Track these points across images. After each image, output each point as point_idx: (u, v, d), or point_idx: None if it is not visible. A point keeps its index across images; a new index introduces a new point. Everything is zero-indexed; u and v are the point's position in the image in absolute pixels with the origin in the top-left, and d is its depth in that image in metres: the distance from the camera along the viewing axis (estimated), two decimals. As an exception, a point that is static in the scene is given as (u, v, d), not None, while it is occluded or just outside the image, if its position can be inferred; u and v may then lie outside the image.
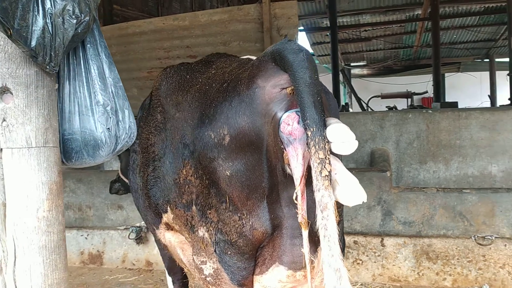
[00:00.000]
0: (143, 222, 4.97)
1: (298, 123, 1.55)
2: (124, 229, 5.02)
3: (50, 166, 1.32)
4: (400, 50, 16.80)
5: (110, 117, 1.42)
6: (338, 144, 1.46)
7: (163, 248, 2.67)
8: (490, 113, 4.66)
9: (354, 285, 4.43)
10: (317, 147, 1.44)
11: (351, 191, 1.47)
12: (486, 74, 17.22)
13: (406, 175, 4.98)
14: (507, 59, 17.07)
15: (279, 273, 1.82)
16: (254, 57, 1.99)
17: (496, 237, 4.03)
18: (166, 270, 3.16)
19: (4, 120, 1.28)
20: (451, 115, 4.77)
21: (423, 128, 4.81)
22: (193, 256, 1.98)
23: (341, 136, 1.46)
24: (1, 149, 1.28)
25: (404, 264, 4.27)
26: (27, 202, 1.28)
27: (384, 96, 15.74)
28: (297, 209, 1.77)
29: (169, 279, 3.15)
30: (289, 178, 1.77)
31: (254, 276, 1.87)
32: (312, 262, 1.80)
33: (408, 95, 15.82)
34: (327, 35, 13.67)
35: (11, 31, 1.16)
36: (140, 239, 4.94)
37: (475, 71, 17.74)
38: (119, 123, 1.44)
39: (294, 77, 1.51)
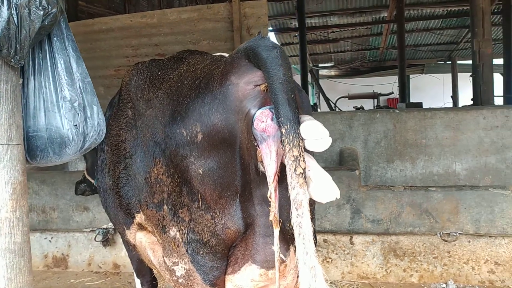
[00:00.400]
0: (110, 224, 4.85)
1: (272, 120, 1.54)
2: (90, 231, 4.89)
3: (14, 165, 1.26)
4: (366, 52, 17.11)
5: (78, 114, 1.36)
6: (312, 141, 1.46)
7: (132, 250, 2.61)
8: (454, 113, 4.79)
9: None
10: (291, 144, 1.44)
11: (325, 188, 1.48)
12: (449, 76, 17.76)
13: (374, 174, 5.06)
14: (468, 61, 17.72)
15: (251, 272, 1.80)
16: (226, 54, 1.97)
17: (460, 234, 4.14)
18: (134, 272, 3.09)
19: (-35, 116, 1.21)
20: (417, 115, 4.87)
21: (390, 128, 4.89)
22: (164, 257, 1.94)
23: (315, 133, 1.46)
24: (-40, 146, 1.22)
25: (372, 261, 4.34)
26: (-12, 202, 1.21)
27: (351, 97, 15.99)
28: (269, 207, 1.77)
29: (137, 281, 3.08)
30: (262, 176, 1.76)
31: (226, 276, 1.85)
32: (283, 261, 1.79)
33: (374, 95, 16.12)
34: (295, 36, 13.76)
35: (-28, 21, 1.10)
36: (107, 241, 4.83)
37: (438, 73, 18.26)
38: (87, 119, 1.39)
39: (267, 74, 1.50)
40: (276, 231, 1.57)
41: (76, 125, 1.35)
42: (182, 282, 1.88)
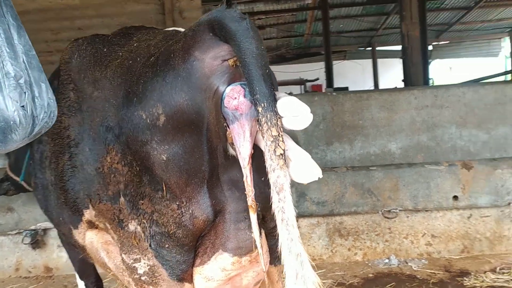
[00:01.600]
0: (39, 224, 4.47)
1: (245, 96, 1.41)
2: (17, 233, 4.47)
3: None
4: (292, 39, 17.32)
5: (25, 92, 1.15)
6: (291, 118, 1.36)
7: (75, 251, 2.36)
8: (388, 94, 4.93)
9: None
10: (269, 123, 1.33)
11: (306, 167, 1.38)
12: (368, 61, 18.52)
13: (314, 157, 5.07)
14: (387, 48, 18.61)
15: (223, 261, 1.68)
16: (182, 29, 1.80)
17: (400, 210, 4.29)
18: (77, 274, 2.84)
19: None
20: (353, 97, 4.96)
21: (328, 110, 4.94)
22: (123, 255, 1.75)
23: (295, 110, 1.35)
24: None
25: (318, 243, 4.37)
26: None
27: (279, 83, 16.14)
28: (239, 192, 1.65)
29: (81, 284, 2.84)
30: (232, 160, 1.64)
31: (194, 268, 1.71)
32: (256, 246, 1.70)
33: (301, 82, 16.41)
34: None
35: None
36: (36, 243, 4.44)
37: (359, 59, 18.97)
38: (36, 99, 1.17)
39: (238, 48, 1.36)
40: (254, 216, 1.46)
41: (23, 106, 1.14)
42: (146, 280, 1.71)
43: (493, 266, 4.06)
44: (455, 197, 4.17)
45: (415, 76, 5.12)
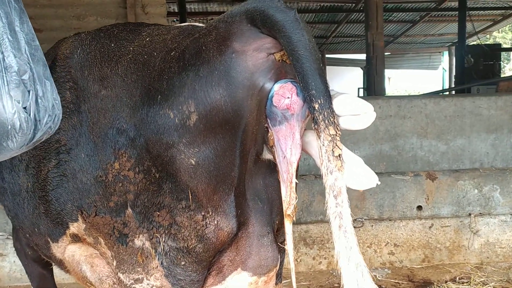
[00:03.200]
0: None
1: (297, 95, 1.29)
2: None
3: None
4: (243, 41, 17.28)
5: (29, 91, 0.94)
6: (350, 117, 1.24)
7: (36, 265, 2.12)
8: (353, 103, 4.94)
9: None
10: (326, 122, 1.21)
11: (363, 172, 1.27)
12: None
13: (278, 163, 5.02)
14: (336, 55, 19.03)
15: (240, 281, 1.54)
16: (200, 24, 1.64)
17: (365, 219, 4.29)
18: None
19: None
20: (320, 104, 4.92)
21: (294, 116, 4.87)
22: (120, 274, 1.56)
23: (356, 108, 1.24)
24: None
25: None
26: None
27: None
28: (261, 202, 1.54)
29: None
30: (259, 165, 1.51)
31: None
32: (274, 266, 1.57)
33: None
34: (174, 20, 13.26)
35: None
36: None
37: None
38: (39, 100, 0.97)
39: (289, 40, 1.23)
40: (290, 227, 1.35)
41: (25, 108, 0.94)
42: None
43: (453, 275, 4.16)
44: (419, 207, 4.23)
45: (379, 85, 5.19)
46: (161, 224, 1.49)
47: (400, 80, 24.31)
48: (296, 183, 1.41)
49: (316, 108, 1.23)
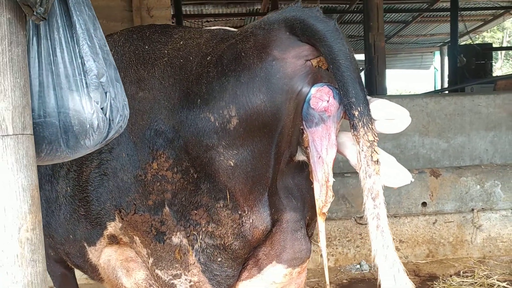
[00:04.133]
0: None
1: (334, 98, 1.37)
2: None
3: (30, 164, 0.89)
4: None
5: (106, 92, 1.02)
6: (384, 122, 1.33)
7: (56, 265, 2.14)
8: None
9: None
10: (366, 128, 1.30)
11: (398, 171, 1.36)
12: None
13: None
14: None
15: (275, 273, 1.61)
16: (231, 29, 1.72)
17: (372, 216, 4.39)
18: None
19: (-39, 92, 0.80)
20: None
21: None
22: (158, 271, 1.62)
23: (391, 113, 1.32)
24: (-44, 139, 0.81)
25: (291, 249, 4.36)
26: (4, 219, 0.83)
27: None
28: (295, 200, 1.61)
29: None
30: (290, 165, 1.59)
31: (239, 282, 1.62)
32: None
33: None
34: (171, 23, 13.30)
35: None
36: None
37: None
38: (112, 101, 1.05)
39: (331, 50, 1.31)
40: (324, 224, 1.43)
41: (102, 108, 1.01)
42: None
43: (457, 269, 4.26)
44: (424, 204, 4.33)
45: (380, 85, 5.30)
46: (198, 222, 1.55)
47: (392, 80, 24.54)
48: (333, 181, 1.48)
49: (356, 115, 1.31)
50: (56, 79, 0.98)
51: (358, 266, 4.36)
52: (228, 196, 1.51)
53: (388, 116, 1.36)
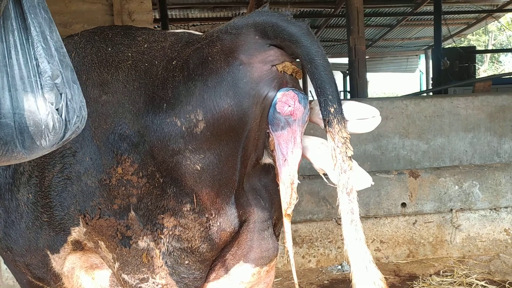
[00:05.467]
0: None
1: (299, 102, 1.40)
2: None
3: (-18, 164, 0.91)
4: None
5: (61, 94, 1.03)
6: (356, 121, 1.37)
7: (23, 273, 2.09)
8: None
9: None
10: (340, 125, 1.33)
11: (362, 173, 1.39)
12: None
13: (266, 165, 5.13)
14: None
15: (243, 273, 1.63)
16: (197, 32, 1.73)
17: (352, 217, 4.43)
18: None
19: None
20: (305, 107, 5.06)
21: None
22: (124, 275, 1.62)
23: (363, 113, 1.36)
24: None
25: (273, 251, 4.38)
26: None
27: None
28: (263, 201, 1.63)
29: None
30: (256, 168, 1.61)
31: (207, 284, 1.63)
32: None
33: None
34: (156, 27, 13.30)
35: None
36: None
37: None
38: (68, 102, 1.06)
39: (307, 51, 1.35)
40: (289, 225, 1.45)
41: (57, 109, 1.03)
42: None
43: (437, 269, 4.32)
44: (403, 204, 4.39)
45: (361, 88, 5.36)
46: (165, 226, 1.55)
47: (379, 84, 24.76)
48: (298, 183, 1.51)
49: (332, 112, 1.35)
50: (11, 80, 0.99)
51: (340, 266, 4.39)
52: (195, 200, 1.52)
53: (359, 116, 1.39)
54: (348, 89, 7.37)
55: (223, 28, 1.52)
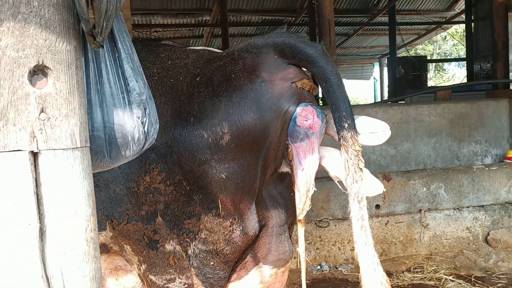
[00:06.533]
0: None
1: (318, 116, 1.55)
2: None
3: (90, 172, 1.01)
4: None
5: (145, 109, 1.16)
6: (368, 135, 1.53)
7: None
8: (312, 112, 5.32)
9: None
10: (353, 139, 1.48)
11: (374, 181, 1.56)
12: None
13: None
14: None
15: (262, 273, 1.76)
16: (215, 49, 1.86)
17: (330, 219, 4.66)
18: None
19: (42, 111, 0.91)
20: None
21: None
22: (152, 276, 1.72)
23: (375, 127, 1.53)
24: (38, 152, 0.92)
25: (256, 254, 4.53)
26: (75, 221, 0.95)
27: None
28: (280, 207, 1.77)
29: None
30: (273, 177, 1.75)
31: (229, 283, 1.76)
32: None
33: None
34: (118, 32, 13.14)
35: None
36: None
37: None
38: (149, 116, 1.19)
39: (323, 71, 1.50)
40: (302, 230, 1.60)
41: (142, 122, 1.15)
42: None
43: (408, 266, 4.61)
44: (377, 206, 4.66)
45: (333, 96, 5.62)
46: (191, 230, 1.66)
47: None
48: (314, 190, 1.65)
49: (346, 127, 1.49)
50: (102, 97, 1.10)
51: (319, 267, 4.60)
52: (220, 206, 1.64)
53: (371, 130, 1.56)
54: (320, 95, 7.62)
55: (244, 47, 1.66)
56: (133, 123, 1.14)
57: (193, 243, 1.68)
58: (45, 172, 0.91)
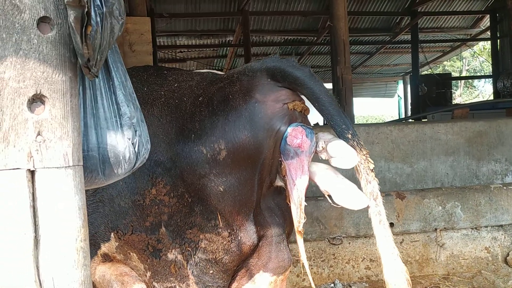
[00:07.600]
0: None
1: (306, 136, 1.65)
2: None
3: (82, 188, 1.13)
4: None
5: (135, 131, 1.27)
6: (339, 159, 1.62)
7: None
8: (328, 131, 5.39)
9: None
10: (360, 145, 1.58)
11: (359, 195, 1.65)
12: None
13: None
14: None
15: (262, 281, 1.85)
16: (219, 72, 1.99)
17: (344, 237, 4.68)
18: None
19: (39, 134, 1.05)
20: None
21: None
22: (155, 283, 1.84)
23: (346, 152, 1.63)
24: (34, 170, 1.05)
25: (269, 271, 4.58)
26: (66, 232, 1.07)
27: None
28: (278, 218, 1.87)
29: None
30: (270, 190, 1.85)
31: None
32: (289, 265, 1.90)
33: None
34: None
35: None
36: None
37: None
38: (139, 137, 1.31)
39: (312, 91, 1.61)
40: (301, 240, 1.68)
41: (133, 143, 1.27)
42: None
43: (424, 286, 4.57)
44: (391, 224, 4.65)
45: (349, 114, 5.68)
46: (192, 239, 1.78)
47: (359, 108, 25.39)
48: (305, 205, 1.75)
49: (350, 137, 1.62)
50: (97, 120, 1.23)
51: (332, 285, 4.61)
52: (219, 217, 1.76)
53: (342, 154, 1.65)
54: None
55: (242, 70, 1.79)
56: (125, 144, 1.26)
57: (194, 252, 1.79)
58: (40, 188, 1.04)
